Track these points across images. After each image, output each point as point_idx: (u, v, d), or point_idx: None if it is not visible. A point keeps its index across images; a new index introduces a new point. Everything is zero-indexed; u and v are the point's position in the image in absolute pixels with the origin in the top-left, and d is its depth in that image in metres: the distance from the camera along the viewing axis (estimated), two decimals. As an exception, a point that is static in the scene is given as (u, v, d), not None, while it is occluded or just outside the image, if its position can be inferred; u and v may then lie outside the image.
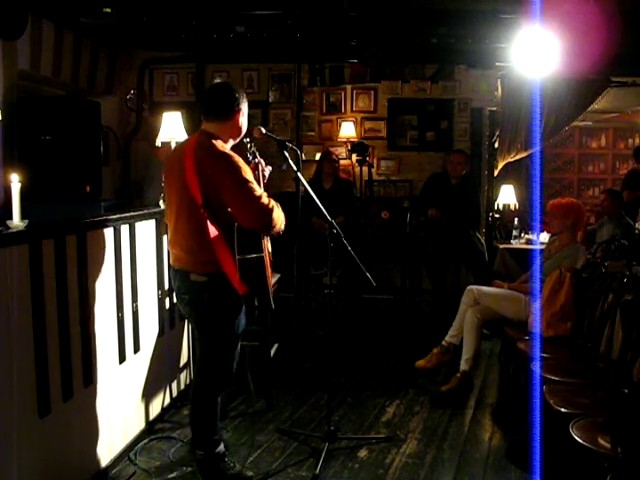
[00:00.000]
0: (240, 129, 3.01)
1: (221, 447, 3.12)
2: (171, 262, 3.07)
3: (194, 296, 2.95)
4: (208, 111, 2.95)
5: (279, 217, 2.91)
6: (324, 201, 3.38)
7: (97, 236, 3.06)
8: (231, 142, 3.00)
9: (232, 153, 2.86)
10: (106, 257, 3.14)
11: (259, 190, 2.84)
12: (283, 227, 3.01)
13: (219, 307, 2.95)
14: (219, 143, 2.87)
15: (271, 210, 2.83)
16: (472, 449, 3.53)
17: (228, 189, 2.78)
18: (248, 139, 3.19)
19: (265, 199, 2.83)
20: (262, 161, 3.25)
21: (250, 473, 3.19)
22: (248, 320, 3.10)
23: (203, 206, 2.80)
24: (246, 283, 2.86)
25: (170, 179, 2.98)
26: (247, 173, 2.82)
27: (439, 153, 6.80)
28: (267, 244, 3.05)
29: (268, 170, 3.31)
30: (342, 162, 6.60)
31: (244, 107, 2.99)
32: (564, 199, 4.49)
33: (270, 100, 7.05)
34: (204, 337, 3.05)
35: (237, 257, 2.81)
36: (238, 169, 2.79)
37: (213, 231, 2.82)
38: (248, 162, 3.14)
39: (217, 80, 3.26)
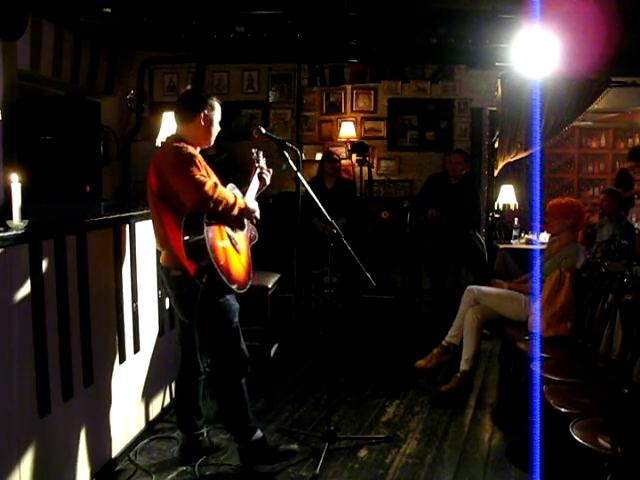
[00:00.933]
0: (207, 131, 3.08)
1: (258, 433, 3.21)
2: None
3: (177, 291, 3.06)
4: (176, 116, 3.10)
5: (217, 191, 2.86)
6: (326, 201, 3.38)
7: (97, 236, 3.06)
8: (200, 146, 3.08)
9: (185, 147, 2.94)
10: (106, 257, 3.15)
11: (200, 176, 2.85)
12: (236, 206, 2.96)
13: (201, 297, 2.95)
14: (181, 143, 2.96)
15: (204, 183, 2.82)
16: (472, 449, 3.53)
17: (171, 174, 2.87)
18: (255, 149, 3.24)
19: (202, 177, 2.83)
20: (262, 165, 3.28)
21: (294, 446, 3.35)
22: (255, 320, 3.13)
23: (157, 196, 2.93)
24: (192, 260, 2.86)
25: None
26: (192, 164, 2.86)
27: (439, 153, 6.80)
28: (227, 228, 3.02)
29: (268, 174, 3.33)
30: (343, 162, 6.60)
31: (208, 111, 3.06)
32: (563, 199, 4.49)
33: (270, 100, 7.05)
34: (200, 330, 3.06)
35: (182, 235, 2.84)
36: (183, 158, 2.87)
37: (170, 222, 2.93)
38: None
39: (188, 87, 3.32)
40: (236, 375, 3.13)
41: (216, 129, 3.13)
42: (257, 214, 3.20)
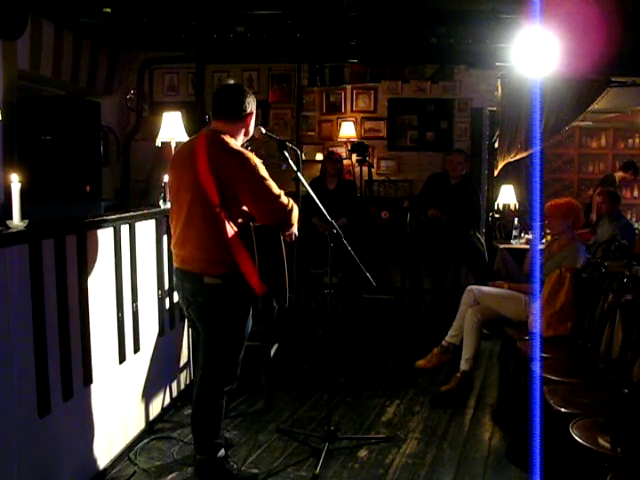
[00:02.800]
0: (249, 130, 3.06)
1: (222, 451, 3.09)
2: (178, 263, 3.02)
3: (206, 299, 2.93)
4: (220, 111, 2.96)
5: (296, 217, 2.94)
6: (328, 201, 3.37)
7: (97, 236, 3.06)
8: (240, 141, 3.03)
9: (245, 150, 2.90)
10: (106, 257, 3.14)
11: (276, 188, 2.86)
12: (296, 230, 3.03)
13: (230, 310, 2.94)
14: (232, 140, 2.91)
15: (290, 210, 2.86)
16: (472, 449, 3.53)
17: (245, 187, 2.80)
18: (247, 143, 3.22)
19: (284, 198, 2.86)
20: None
21: (255, 470, 3.20)
22: (255, 321, 3.11)
23: (220, 205, 2.79)
24: (266, 283, 2.84)
25: (179, 178, 2.95)
26: (263, 170, 2.84)
27: (439, 153, 6.80)
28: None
29: None
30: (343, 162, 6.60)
31: (254, 109, 3.05)
32: (561, 199, 4.48)
33: (270, 100, 7.05)
34: (212, 339, 3.01)
35: (256, 257, 2.79)
36: (254, 166, 2.82)
37: (230, 230, 2.82)
38: None
39: (227, 81, 3.26)
40: (223, 388, 3.03)
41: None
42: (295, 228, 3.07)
